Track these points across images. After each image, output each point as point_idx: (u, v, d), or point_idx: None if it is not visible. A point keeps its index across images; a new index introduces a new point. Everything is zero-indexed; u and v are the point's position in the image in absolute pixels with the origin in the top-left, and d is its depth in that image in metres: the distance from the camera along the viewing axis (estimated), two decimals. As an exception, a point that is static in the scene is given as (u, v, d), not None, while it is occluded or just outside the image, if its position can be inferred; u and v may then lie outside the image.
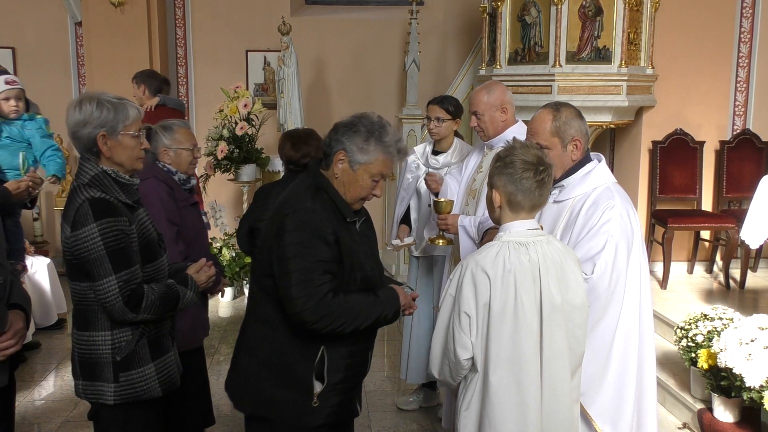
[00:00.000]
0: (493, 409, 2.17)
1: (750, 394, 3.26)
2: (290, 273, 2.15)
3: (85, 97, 2.30)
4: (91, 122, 2.26)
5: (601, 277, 2.44)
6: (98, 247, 2.20)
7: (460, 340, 2.19)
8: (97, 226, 2.20)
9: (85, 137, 2.28)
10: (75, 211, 2.23)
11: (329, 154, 2.29)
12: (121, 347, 2.32)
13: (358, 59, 7.45)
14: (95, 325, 2.32)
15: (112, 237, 2.21)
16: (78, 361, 2.38)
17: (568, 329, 2.22)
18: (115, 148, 2.30)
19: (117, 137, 2.29)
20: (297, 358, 2.27)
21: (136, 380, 2.35)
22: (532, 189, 2.19)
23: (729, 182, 6.04)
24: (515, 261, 2.16)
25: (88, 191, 2.25)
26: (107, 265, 2.21)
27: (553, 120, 2.56)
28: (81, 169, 2.31)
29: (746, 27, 6.17)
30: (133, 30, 6.52)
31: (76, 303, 2.36)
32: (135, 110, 2.34)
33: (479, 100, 3.32)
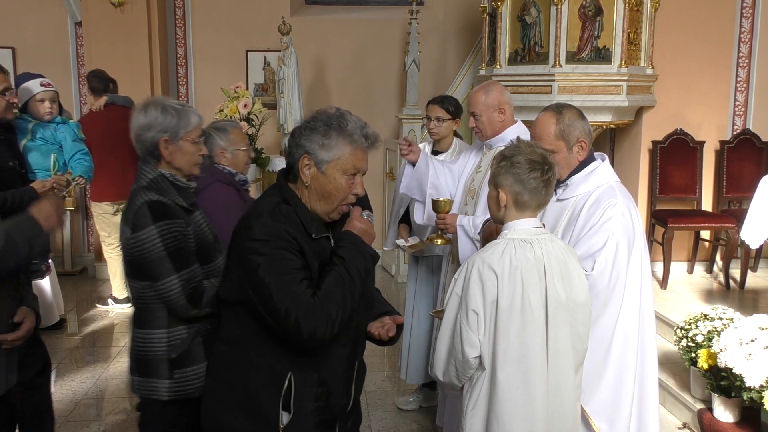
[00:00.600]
0: (501, 406, 2.18)
1: (750, 394, 3.26)
2: (271, 296, 1.93)
3: (151, 101, 2.37)
4: (154, 126, 2.32)
5: (600, 275, 2.45)
6: (158, 248, 2.25)
7: (468, 338, 2.18)
8: (156, 228, 2.25)
9: (147, 141, 2.34)
10: (134, 213, 2.28)
11: (293, 164, 2.05)
12: (176, 345, 2.35)
13: (358, 59, 7.45)
14: (152, 323, 2.36)
15: (171, 238, 2.27)
16: (134, 358, 2.43)
17: (572, 326, 2.23)
18: (176, 153, 2.36)
19: (178, 143, 2.35)
20: (261, 384, 2.04)
21: (190, 378, 2.37)
22: (539, 188, 2.19)
23: (729, 182, 6.04)
24: (521, 258, 2.16)
25: (147, 194, 2.30)
26: (168, 265, 2.26)
27: (557, 123, 2.56)
28: (141, 172, 2.38)
29: (746, 27, 6.18)
30: (133, 30, 6.53)
31: (135, 301, 2.41)
32: (197, 117, 2.41)
33: (477, 101, 3.32)
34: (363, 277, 2.03)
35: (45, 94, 3.79)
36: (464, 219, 3.20)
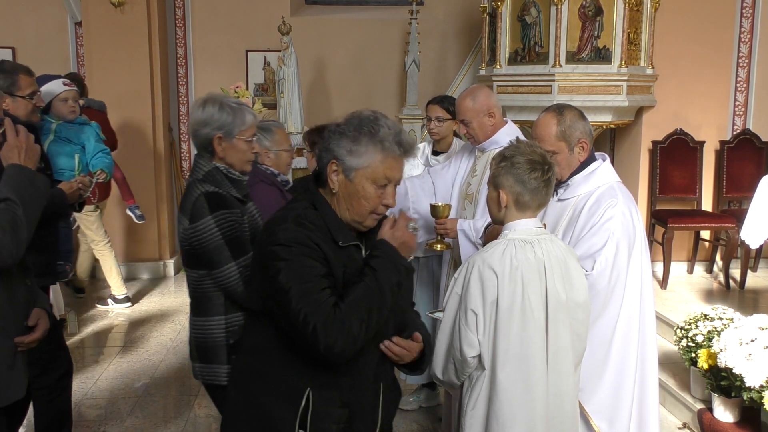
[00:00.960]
0: (501, 406, 2.18)
1: (750, 394, 3.26)
2: (290, 302, 1.82)
3: (210, 98, 2.45)
4: (210, 123, 2.40)
5: (601, 274, 2.45)
6: (216, 237, 2.33)
7: (466, 337, 2.19)
8: (213, 218, 2.33)
9: (203, 136, 2.42)
10: (192, 204, 2.36)
11: (322, 168, 1.94)
12: (234, 331, 2.41)
13: (358, 59, 7.45)
14: (210, 311, 2.43)
15: (228, 227, 2.34)
16: (195, 345, 2.51)
17: (572, 326, 2.23)
18: (229, 150, 2.43)
19: (232, 140, 2.42)
20: (279, 399, 1.93)
21: None
22: (540, 188, 2.19)
23: (729, 182, 6.05)
24: (522, 258, 2.17)
25: (203, 186, 2.39)
26: (227, 253, 2.33)
27: (558, 124, 2.56)
28: (196, 165, 2.47)
29: (746, 27, 6.18)
30: (133, 30, 6.52)
31: (192, 290, 2.49)
32: (251, 116, 2.47)
33: (465, 108, 3.28)
34: (395, 291, 1.89)
35: (68, 93, 3.83)
36: (465, 223, 3.19)
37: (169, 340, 5.20)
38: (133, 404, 4.22)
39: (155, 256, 6.85)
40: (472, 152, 3.51)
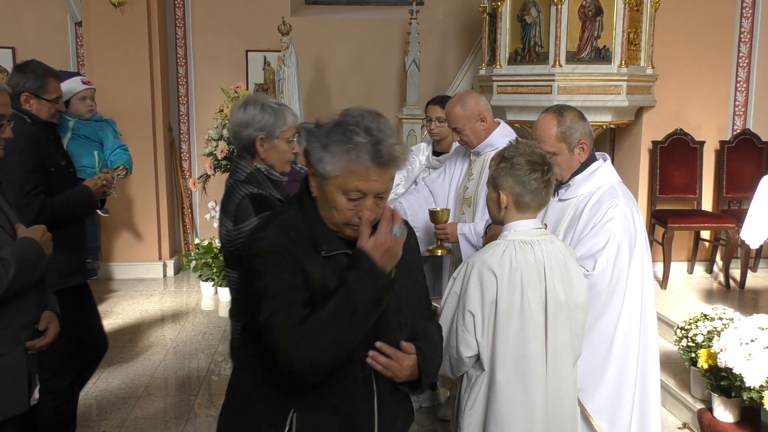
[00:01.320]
0: (500, 407, 2.18)
1: (750, 394, 3.26)
2: (260, 314, 1.71)
3: (251, 99, 2.46)
4: (252, 124, 2.41)
5: (602, 274, 2.45)
6: None
7: (463, 338, 2.19)
8: (258, 220, 2.29)
9: (245, 137, 2.43)
10: (236, 206, 2.38)
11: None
12: None
13: (358, 59, 7.45)
14: None
15: None
16: (235, 348, 2.47)
17: (571, 327, 2.23)
18: (270, 151, 2.44)
19: (273, 141, 2.44)
20: (264, 421, 1.79)
21: None
22: (540, 189, 2.20)
23: (729, 182, 6.04)
24: (521, 259, 2.17)
25: (246, 187, 2.41)
26: None
27: (558, 125, 2.56)
28: (237, 166, 2.48)
29: (746, 27, 6.18)
30: (133, 30, 6.52)
31: (235, 292, 2.47)
32: (292, 117, 2.49)
33: (456, 116, 3.28)
34: (371, 309, 1.71)
35: (87, 92, 3.85)
36: (465, 227, 3.19)
37: (170, 340, 5.20)
38: (133, 404, 4.22)
39: (155, 257, 6.84)
40: (466, 156, 3.50)
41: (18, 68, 3.28)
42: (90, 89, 3.89)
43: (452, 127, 3.35)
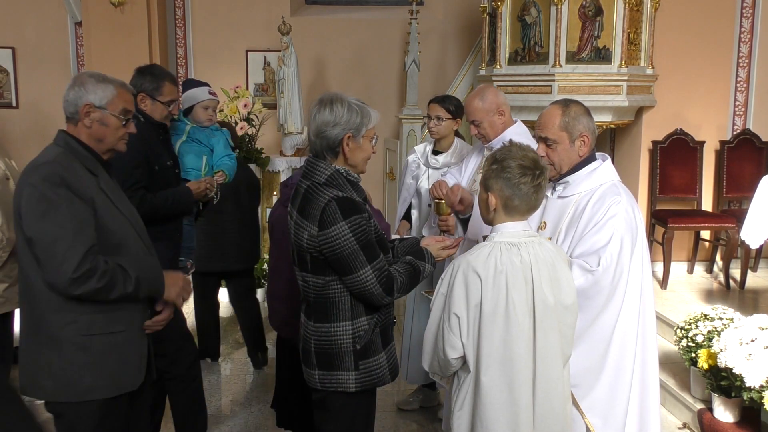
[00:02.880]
0: (485, 409, 2.18)
1: (750, 394, 3.26)
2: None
3: (336, 98, 2.41)
4: (340, 123, 2.37)
5: (606, 271, 2.45)
6: (351, 242, 2.31)
7: (449, 339, 2.20)
8: (348, 224, 2.30)
9: (332, 137, 2.38)
10: (321, 210, 2.32)
11: None
12: (360, 336, 2.42)
13: (358, 59, 7.45)
14: (336, 317, 2.42)
15: (361, 231, 2.33)
16: (315, 353, 2.47)
17: (560, 329, 2.22)
18: (355, 150, 2.41)
19: (359, 140, 2.41)
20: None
21: (373, 368, 2.45)
22: (530, 194, 2.19)
23: (729, 182, 6.04)
24: (507, 261, 2.16)
25: (330, 190, 2.35)
26: (362, 258, 2.32)
27: (563, 115, 2.58)
28: (315, 168, 2.41)
29: (746, 27, 6.17)
30: (133, 30, 6.53)
31: (315, 297, 2.45)
32: (376, 115, 2.47)
33: (475, 109, 3.31)
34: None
35: (210, 103, 3.91)
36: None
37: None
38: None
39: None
40: (481, 151, 3.53)
41: (139, 70, 3.42)
42: (214, 100, 3.96)
43: (470, 119, 3.36)
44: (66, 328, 2.27)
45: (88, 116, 2.36)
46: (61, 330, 2.27)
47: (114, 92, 2.39)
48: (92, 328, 2.29)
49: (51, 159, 2.30)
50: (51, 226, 2.20)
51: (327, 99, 2.42)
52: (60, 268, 2.19)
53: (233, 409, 4.29)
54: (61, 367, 2.29)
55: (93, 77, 2.40)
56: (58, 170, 2.25)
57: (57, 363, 2.29)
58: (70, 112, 2.39)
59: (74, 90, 2.37)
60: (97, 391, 2.32)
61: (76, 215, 2.22)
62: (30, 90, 7.18)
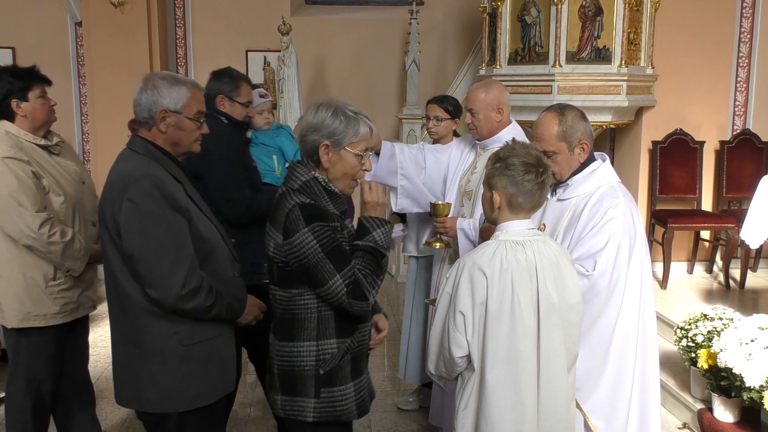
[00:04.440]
0: (490, 408, 2.18)
1: (750, 394, 3.26)
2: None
3: (325, 102, 2.24)
4: (320, 129, 2.19)
5: (602, 275, 2.45)
6: (316, 251, 2.12)
7: (454, 338, 2.19)
8: (310, 231, 2.12)
9: (309, 142, 2.21)
10: (285, 216, 2.16)
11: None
12: (325, 360, 2.22)
13: (358, 59, 7.45)
14: (301, 335, 2.22)
15: (326, 238, 2.14)
16: (278, 375, 2.28)
17: (564, 328, 2.22)
18: (336, 163, 2.22)
19: (340, 151, 2.21)
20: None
21: (337, 398, 2.24)
22: (534, 191, 2.19)
23: (729, 182, 6.04)
24: (512, 260, 2.16)
25: (298, 197, 2.18)
26: (329, 267, 2.13)
27: (559, 124, 2.55)
28: (293, 173, 2.25)
29: (746, 27, 6.18)
30: (133, 30, 6.52)
31: (281, 312, 2.27)
32: (366, 129, 2.23)
33: (476, 98, 3.30)
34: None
35: (264, 106, 3.89)
36: (464, 222, 3.19)
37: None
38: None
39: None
40: (473, 147, 3.51)
41: (215, 73, 3.45)
42: (267, 102, 3.95)
43: (468, 107, 3.35)
44: (169, 340, 2.26)
45: (164, 121, 2.30)
46: (164, 342, 2.26)
47: (188, 94, 2.33)
48: (193, 337, 2.28)
49: (143, 172, 2.22)
50: (154, 243, 2.17)
51: (318, 103, 2.26)
52: (167, 285, 2.17)
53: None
54: (166, 378, 2.27)
55: (165, 79, 2.32)
56: (156, 183, 2.20)
57: (161, 375, 2.27)
58: (143, 117, 2.32)
59: (146, 93, 2.30)
60: (202, 397, 2.32)
61: (177, 230, 2.20)
62: (30, 90, 7.17)
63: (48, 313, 3.04)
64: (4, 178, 2.90)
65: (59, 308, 3.06)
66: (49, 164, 3.07)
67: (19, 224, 2.91)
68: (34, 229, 2.91)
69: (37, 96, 3.07)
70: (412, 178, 3.54)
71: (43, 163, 3.04)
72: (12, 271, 3.00)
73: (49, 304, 3.03)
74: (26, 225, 2.91)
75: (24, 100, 3.04)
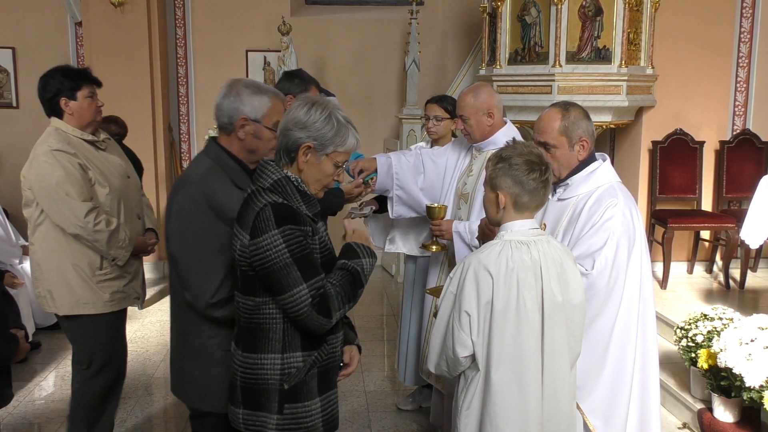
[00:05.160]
0: (495, 407, 2.18)
1: (750, 394, 3.26)
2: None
3: (320, 102, 2.13)
4: (308, 128, 2.07)
5: (600, 274, 2.45)
6: (283, 255, 1.99)
7: (459, 338, 2.19)
8: (280, 233, 1.99)
9: (293, 139, 2.09)
10: (255, 216, 2.03)
11: None
12: (290, 374, 2.09)
13: (358, 59, 7.45)
14: (265, 347, 2.10)
15: (296, 243, 2.01)
16: (240, 387, 2.15)
17: (568, 327, 2.23)
18: (312, 166, 2.11)
19: (320, 156, 2.10)
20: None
21: (301, 415, 2.12)
22: (538, 189, 2.19)
23: (729, 182, 6.05)
24: (517, 259, 2.16)
25: (269, 196, 2.06)
26: (296, 274, 2.00)
27: (562, 119, 2.56)
28: (263, 171, 2.12)
29: (746, 27, 6.18)
30: (133, 30, 6.53)
31: (245, 321, 2.13)
32: (354, 140, 2.13)
33: (465, 104, 3.28)
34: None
35: None
36: (460, 225, 3.18)
37: (170, 340, 5.18)
38: (134, 404, 4.22)
39: (155, 257, 6.84)
40: (469, 150, 3.50)
41: (287, 74, 3.59)
42: None
43: (459, 113, 3.34)
44: (208, 342, 2.32)
45: (243, 129, 2.32)
46: (203, 343, 2.33)
47: (269, 104, 2.33)
48: (229, 345, 2.27)
49: (197, 178, 2.26)
50: (191, 248, 2.23)
51: (311, 100, 2.14)
52: (198, 290, 2.23)
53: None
54: (203, 378, 2.34)
55: (248, 87, 2.33)
56: (204, 190, 2.22)
57: (199, 374, 2.35)
58: (223, 122, 2.34)
59: (229, 99, 2.32)
60: None
61: (217, 239, 2.21)
62: (30, 90, 7.09)
63: (98, 300, 3.17)
64: (53, 170, 3.04)
65: (109, 296, 3.19)
66: (95, 158, 3.18)
67: (67, 213, 3.04)
68: (80, 218, 3.04)
69: (86, 96, 3.17)
70: (408, 186, 3.54)
71: (90, 157, 3.15)
72: (61, 260, 3.12)
73: (98, 292, 3.16)
74: (73, 214, 3.04)
75: (72, 99, 3.14)
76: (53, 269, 3.14)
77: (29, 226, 3.20)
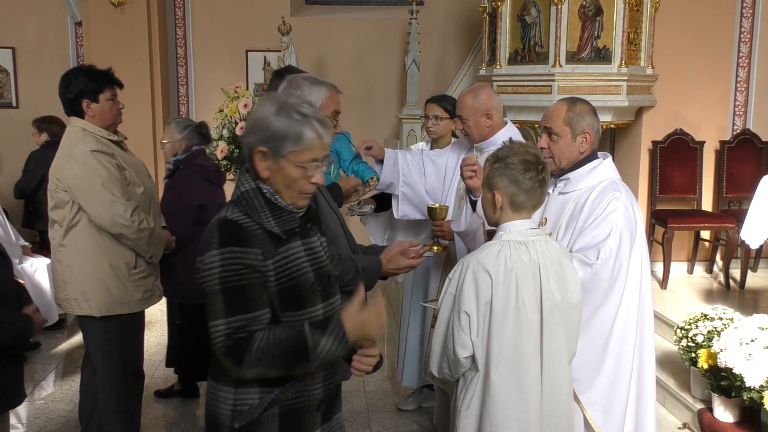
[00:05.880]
0: (495, 407, 2.18)
1: (750, 394, 3.26)
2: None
3: (274, 96, 1.90)
4: (258, 130, 1.81)
5: (604, 265, 2.47)
6: (213, 281, 1.75)
7: (459, 338, 2.19)
8: (219, 255, 1.74)
9: (246, 146, 1.84)
10: (208, 231, 1.81)
11: None
12: (242, 412, 1.83)
13: (358, 59, 7.45)
14: (221, 377, 1.87)
15: (233, 272, 1.74)
16: (206, 416, 1.93)
17: (566, 327, 2.23)
18: (275, 173, 1.82)
19: (279, 161, 1.81)
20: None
21: None
22: (535, 188, 2.20)
23: (729, 182, 6.04)
24: (516, 259, 2.16)
25: (230, 209, 1.82)
26: (219, 306, 1.75)
27: (568, 110, 2.61)
28: (238, 180, 1.89)
29: (746, 27, 6.17)
30: (133, 30, 6.53)
31: (212, 346, 1.81)
32: (313, 134, 1.80)
33: (464, 104, 3.30)
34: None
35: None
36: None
37: None
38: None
39: (155, 256, 6.84)
40: (469, 150, 3.51)
41: (276, 73, 3.50)
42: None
43: (458, 113, 3.36)
44: None
45: None
46: None
47: (327, 94, 2.43)
48: None
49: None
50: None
51: (269, 96, 1.91)
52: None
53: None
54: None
55: (307, 80, 2.43)
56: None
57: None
58: None
59: (290, 91, 2.40)
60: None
61: None
62: (30, 90, 7.18)
63: (132, 300, 3.19)
64: (97, 171, 3.06)
65: (141, 294, 3.22)
66: (124, 158, 3.22)
67: (113, 213, 3.06)
68: (126, 217, 3.07)
69: (108, 98, 3.23)
70: (414, 184, 3.55)
71: (122, 157, 3.20)
72: (98, 261, 3.13)
73: (133, 291, 3.18)
74: (119, 213, 3.06)
75: (94, 101, 3.19)
76: (89, 270, 3.13)
77: (56, 229, 3.14)
